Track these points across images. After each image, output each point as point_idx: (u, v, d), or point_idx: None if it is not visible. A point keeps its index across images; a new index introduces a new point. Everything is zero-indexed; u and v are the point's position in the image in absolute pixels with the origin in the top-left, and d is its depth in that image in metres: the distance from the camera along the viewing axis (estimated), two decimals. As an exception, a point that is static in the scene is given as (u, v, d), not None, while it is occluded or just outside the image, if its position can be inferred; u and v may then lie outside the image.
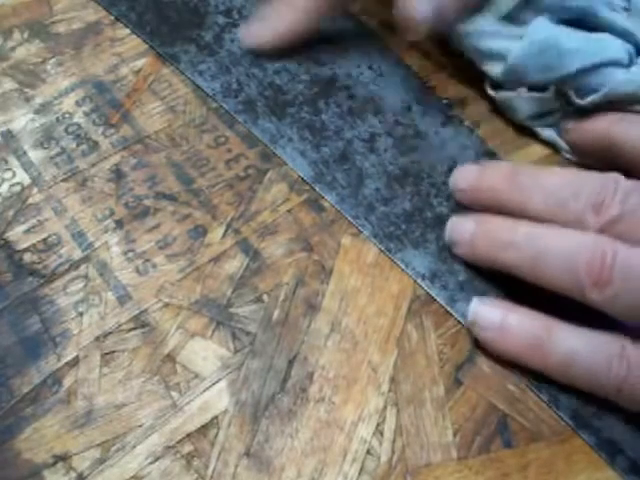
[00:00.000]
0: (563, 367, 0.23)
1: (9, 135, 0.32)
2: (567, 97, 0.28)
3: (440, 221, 0.28)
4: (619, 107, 0.27)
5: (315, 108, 0.32)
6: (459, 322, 0.26)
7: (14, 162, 0.31)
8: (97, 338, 0.25)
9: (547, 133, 0.30)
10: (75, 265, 0.27)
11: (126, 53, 0.35)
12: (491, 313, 0.24)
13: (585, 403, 0.24)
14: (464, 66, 0.34)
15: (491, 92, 0.31)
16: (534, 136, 0.31)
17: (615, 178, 0.24)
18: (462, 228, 0.26)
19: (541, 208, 0.24)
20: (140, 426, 0.24)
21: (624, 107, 0.27)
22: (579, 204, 0.24)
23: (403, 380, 0.25)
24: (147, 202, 0.29)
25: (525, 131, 0.31)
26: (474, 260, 0.26)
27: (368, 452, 0.23)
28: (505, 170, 0.26)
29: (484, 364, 0.25)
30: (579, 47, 0.27)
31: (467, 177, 0.27)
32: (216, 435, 0.23)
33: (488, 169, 0.27)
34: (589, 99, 0.27)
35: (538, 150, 0.31)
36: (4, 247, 0.28)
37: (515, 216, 0.25)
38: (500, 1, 0.29)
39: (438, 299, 0.26)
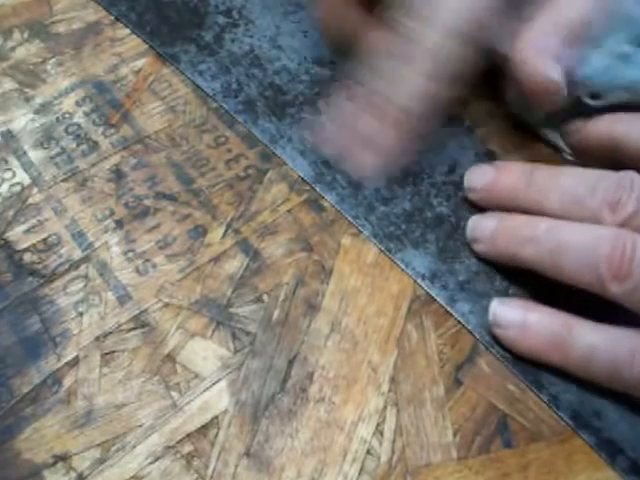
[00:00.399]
0: (584, 362, 0.23)
1: (9, 135, 0.32)
2: (579, 99, 0.28)
3: (440, 221, 0.28)
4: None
5: (315, 108, 0.32)
6: (459, 322, 0.26)
7: (14, 162, 0.31)
8: (97, 338, 0.25)
9: (549, 134, 0.30)
10: (75, 265, 0.27)
11: (126, 53, 0.35)
12: (511, 313, 0.25)
13: (585, 403, 0.24)
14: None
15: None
16: (534, 136, 0.31)
17: (631, 176, 0.24)
18: (483, 225, 0.27)
19: (557, 207, 0.25)
20: (140, 426, 0.24)
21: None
22: (595, 202, 0.24)
23: (403, 380, 0.25)
24: (147, 202, 0.29)
25: (525, 131, 0.31)
26: (495, 256, 0.26)
27: (368, 452, 0.23)
28: (521, 170, 0.26)
29: (484, 364, 0.25)
30: None
31: (482, 177, 0.27)
32: (216, 435, 0.23)
33: (504, 169, 0.27)
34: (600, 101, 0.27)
35: (538, 150, 0.31)
36: (4, 247, 0.28)
37: (532, 215, 0.25)
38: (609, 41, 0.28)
39: (438, 299, 0.26)
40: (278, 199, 0.29)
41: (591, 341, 0.23)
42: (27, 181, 0.30)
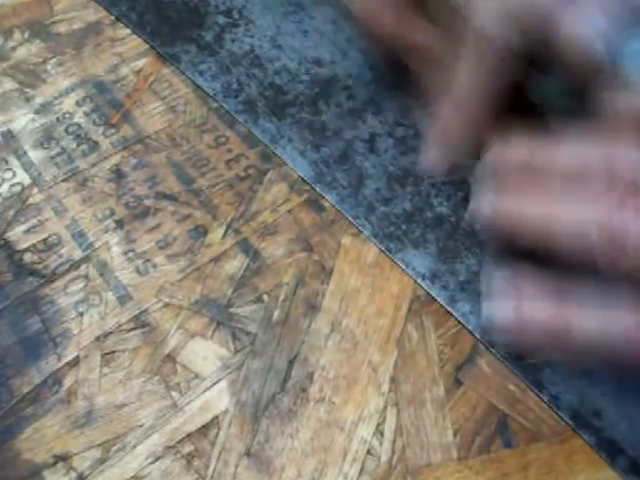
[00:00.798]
0: (587, 352, 0.23)
1: (9, 135, 0.32)
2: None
3: (440, 221, 0.28)
4: None
5: (315, 108, 0.32)
6: (459, 322, 0.26)
7: (14, 162, 0.31)
8: (97, 338, 0.25)
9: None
10: (75, 265, 0.27)
11: (126, 53, 0.35)
12: (505, 311, 0.24)
13: (585, 403, 0.24)
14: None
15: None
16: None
17: (626, 149, 0.24)
18: (483, 201, 0.26)
19: (559, 190, 0.25)
20: (140, 426, 0.24)
21: None
22: (595, 181, 0.24)
23: (403, 380, 0.25)
24: (147, 202, 0.29)
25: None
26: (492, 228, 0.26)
27: (368, 452, 0.23)
28: (523, 156, 0.26)
29: (484, 364, 0.25)
30: None
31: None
32: (216, 435, 0.23)
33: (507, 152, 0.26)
34: None
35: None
36: (4, 247, 0.28)
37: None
38: None
39: (438, 299, 0.26)
40: (278, 199, 0.29)
41: (587, 326, 0.23)
42: (27, 181, 0.30)
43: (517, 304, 0.24)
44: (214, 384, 0.24)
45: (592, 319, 0.23)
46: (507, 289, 0.24)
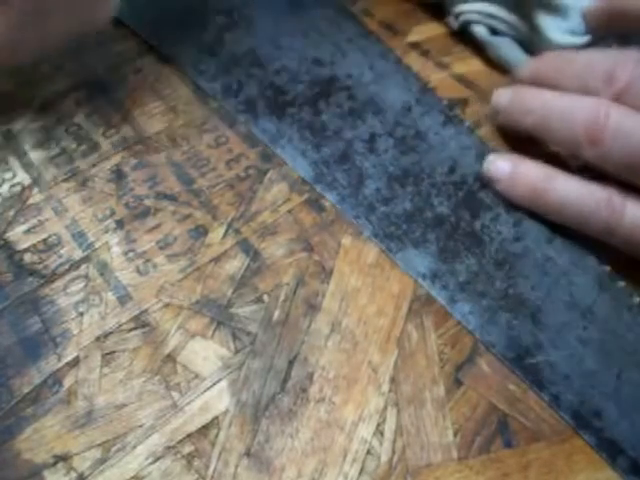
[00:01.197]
0: (558, 209, 0.27)
1: (9, 135, 0.32)
2: None
3: (440, 221, 0.28)
4: None
5: (315, 108, 0.32)
6: (459, 322, 0.26)
7: (14, 162, 0.31)
8: (97, 338, 0.25)
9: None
10: (75, 265, 0.27)
11: (127, 53, 0.35)
12: (502, 167, 0.29)
13: (586, 403, 0.24)
14: (464, 66, 0.34)
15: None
16: (533, 136, 0.31)
17: (629, 52, 0.26)
18: (501, 96, 0.31)
19: (570, 87, 0.28)
20: (140, 426, 0.24)
21: None
22: (594, 78, 0.27)
23: (403, 380, 0.25)
24: (148, 202, 0.29)
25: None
26: (506, 122, 0.31)
27: (368, 452, 0.23)
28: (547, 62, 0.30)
29: (484, 364, 0.25)
30: None
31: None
32: (217, 435, 0.23)
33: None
34: None
35: (539, 150, 0.31)
36: (4, 247, 0.28)
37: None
38: None
39: (438, 299, 0.26)
40: (278, 199, 0.29)
41: (565, 191, 0.27)
42: (27, 181, 0.30)
43: (514, 163, 0.28)
44: (214, 384, 0.24)
45: (571, 186, 0.27)
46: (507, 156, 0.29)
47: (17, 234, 0.28)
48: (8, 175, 0.30)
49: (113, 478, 0.23)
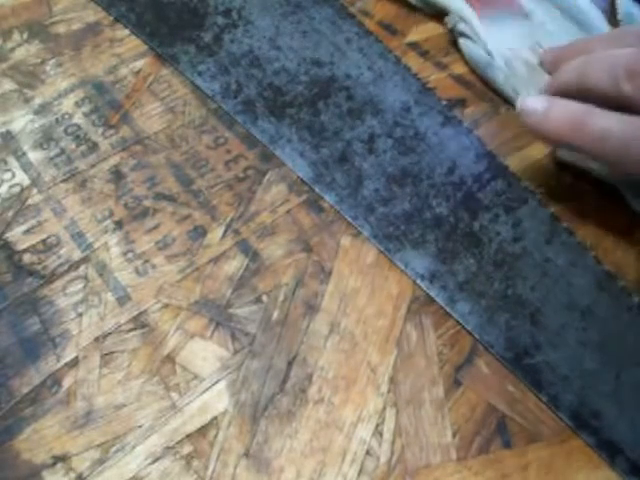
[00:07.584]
0: (599, 142, 0.26)
1: (8, 136, 0.32)
2: None
3: (439, 222, 0.28)
4: None
5: (314, 109, 0.32)
6: (459, 323, 0.26)
7: (13, 163, 0.31)
8: (96, 339, 0.25)
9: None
10: (74, 266, 0.27)
11: (125, 54, 0.35)
12: (537, 101, 0.28)
13: (584, 404, 0.24)
14: (463, 67, 0.34)
15: None
16: (533, 137, 0.31)
17: None
18: (547, 53, 0.31)
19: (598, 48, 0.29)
20: (140, 427, 0.24)
21: None
22: (628, 40, 0.28)
23: (402, 381, 0.25)
24: (146, 203, 0.29)
25: (524, 132, 0.31)
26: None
27: (367, 453, 0.23)
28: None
29: (483, 365, 0.25)
30: None
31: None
32: (215, 436, 0.23)
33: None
34: None
35: (537, 151, 0.31)
36: (4, 248, 0.28)
37: None
38: None
39: (437, 300, 0.26)
40: (277, 200, 0.29)
41: (607, 123, 0.26)
42: (26, 182, 0.30)
43: (549, 99, 0.28)
44: (213, 385, 0.24)
45: (612, 117, 0.26)
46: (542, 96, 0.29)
47: (16, 235, 0.28)
48: (7, 176, 0.30)
49: (112, 479, 0.23)
